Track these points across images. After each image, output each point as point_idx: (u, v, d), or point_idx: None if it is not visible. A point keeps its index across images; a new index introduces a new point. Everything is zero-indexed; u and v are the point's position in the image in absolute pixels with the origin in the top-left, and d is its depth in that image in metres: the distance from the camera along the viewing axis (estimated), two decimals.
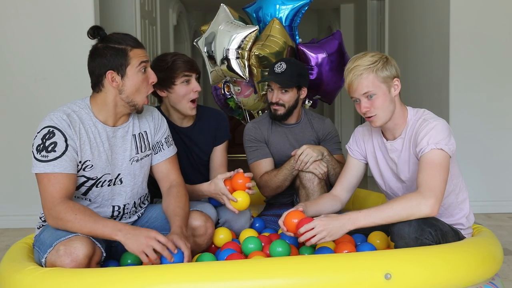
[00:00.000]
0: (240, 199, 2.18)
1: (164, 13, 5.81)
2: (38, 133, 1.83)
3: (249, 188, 2.22)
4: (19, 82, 3.60)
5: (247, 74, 3.05)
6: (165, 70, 2.32)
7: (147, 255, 1.70)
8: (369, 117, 1.93)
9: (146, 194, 2.13)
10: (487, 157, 3.80)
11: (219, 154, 2.55)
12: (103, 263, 1.85)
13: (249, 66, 3.03)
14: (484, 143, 3.79)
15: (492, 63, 3.78)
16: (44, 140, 1.81)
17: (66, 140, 1.82)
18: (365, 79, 1.89)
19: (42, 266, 1.74)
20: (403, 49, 4.81)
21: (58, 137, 1.81)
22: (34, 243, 1.89)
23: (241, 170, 2.24)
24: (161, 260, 1.73)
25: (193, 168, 2.52)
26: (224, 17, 3.14)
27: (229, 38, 3.03)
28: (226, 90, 3.33)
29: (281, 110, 2.61)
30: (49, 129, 1.82)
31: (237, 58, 3.02)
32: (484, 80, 3.78)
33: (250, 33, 2.99)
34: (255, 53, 2.95)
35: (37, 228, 1.98)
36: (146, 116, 2.08)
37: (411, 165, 1.96)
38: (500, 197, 3.81)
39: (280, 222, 1.92)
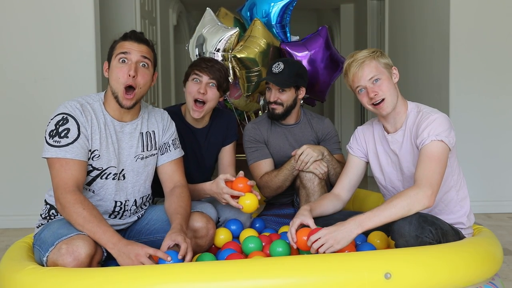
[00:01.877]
0: (248, 202, 2.16)
1: (164, 13, 5.81)
2: (51, 119, 1.88)
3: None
4: (19, 82, 3.60)
5: (231, 76, 3.07)
6: (189, 67, 2.46)
7: None
8: (378, 103, 1.96)
9: (148, 195, 2.13)
10: (487, 157, 3.80)
11: (227, 154, 2.58)
12: (103, 263, 1.85)
13: (232, 68, 3.04)
14: (484, 143, 3.79)
15: (492, 63, 3.78)
16: (57, 126, 1.85)
17: (79, 128, 1.86)
18: (368, 65, 1.95)
19: (43, 265, 1.74)
20: (403, 49, 4.80)
21: (71, 124, 1.86)
22: (34, 242, 1.89)
23: (242, 173, 2.24)
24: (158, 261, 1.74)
25: (200, 169, 2.54)
26: (209, 20, 3.18)
27: (212, 41, 3.07)
28: None
29: (279, 109, 2.61)
30: (63, 116, 1.87)
31: (222, 60, 3.04)
32: (484, 80, 3.78)
33: (231, 35, 3.02)
34: (232, 55, 2.98)
35: (37, 227, 1.98)
36: (156, 117, 2.11)
37: (414, 156, 1.97)
38: (500, 197, 3.81)
39: (290, 237, 1.88)
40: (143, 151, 2.03)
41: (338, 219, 2.15)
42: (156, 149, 2.09)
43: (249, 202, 2.16)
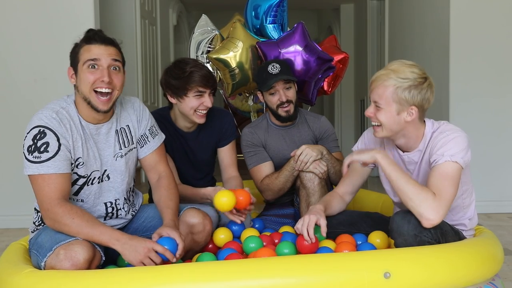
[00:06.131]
0: (224, 200, 2.12)
1: (164, 13, 5.82)
2: (28, 133, 1.79)
3: (246, 209, 2.24)
4: (19, 82, 3.60)
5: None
6: (180, 79, 2.30)
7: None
8: (374, 125, 1.90)
9: (132, 187, 2.10)
10: (487, 157, 3.79)
11: (226, 154, 2.56)
12: (101, 266, 1.84)
13: (217, 69, 3.07)
14: (484, 143, 3.79)
15: (492, 63, 3.78)
16: (35, 141, 1.76)
17: (58, 139, 1.78)
18: (383, 88, 1.82)
19: (41, 270, 1.73)
20: (403, 49, 4.80)
21: (50, 137, 1.78)
22: (31, 247, 1.87)
23: (247, 189, 2.25)
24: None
25: (194, 167, 2.53)
26: (202, 25, 3.25)
27: (200, 45, 3.15)
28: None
29: (291, 108, 2.60)
30: (40, 129, 1.78)
31: (207, 62, 3.10)
32: (484, 81, 3.78)
33: (211, 38, 3.08)
34: (205, 56, 3.02)
35: (31, 231, 1.95)
36: (127, 109, 2.03)
37: (420, 178, 1.92)
38: (500, 197, 3.81)
39: (304, 232, 1.87)
40: (121, 149, 1.97)
41: (340, 219, 2.15)
42: (133, 143, 2.03)
43: (225, 200, 2.12)
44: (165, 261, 1.76)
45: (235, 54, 2.96)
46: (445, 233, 1.80)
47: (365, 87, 6.13)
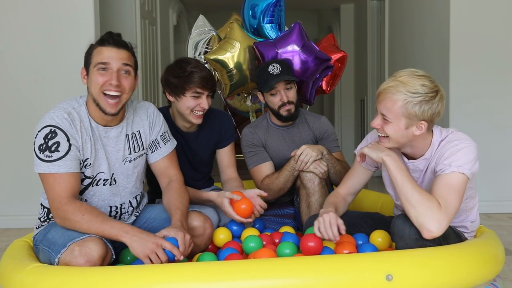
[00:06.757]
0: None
1: (164, 13, 5.81)
2: (39, 131, 1.82)
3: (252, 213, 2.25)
4: (19, 82, 3.60)
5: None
6: (180, 78, 2.31)
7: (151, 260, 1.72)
8: (380, 136, 1.86)
9: (140, 193, 2.12)
10: (487, 158, 3.79)
11: (225, 155, 2.57)
12: (111, 264, 1.85)
13: (214, 70, 3.06)
14: (484, 143, 3.77)
15: (492, 64, 3.78)
16: (46, 140, 1.80)
17: (68, 140, 1.82)
18: (391, 101, 1.76)
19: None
20: (403, 49, 4.80)
21: (61, 137, 1.81)
22: (39, 243, 1.88)
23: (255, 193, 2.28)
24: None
25: (193, 167, 2.54)
26: (200, 25, 3.26)
27: (198, 45, 3.16)
28: None
29: (293, 108, 2.60)
30: (51, 129, 1.82)
31: (205, 63, 3.09)
32: (484, 80, 3.78)
33: (208, 38, 3.09)
34: (203, 56, 3.02)
35: (36, 228, 1.97)
36: (141, 114, 2.05)
37: (424, 186, 1.89)
38: (500, 197, 3.81)
39: (330, 233, 1.85)
40: (131, 154, 2.00)
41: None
42: (144, 149, 2.06)
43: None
44: (170, 261, 1.76)
45: (232, 55, 2.96)
46: (447, 236, 1.79)
47: (365, 87, 6.13)
